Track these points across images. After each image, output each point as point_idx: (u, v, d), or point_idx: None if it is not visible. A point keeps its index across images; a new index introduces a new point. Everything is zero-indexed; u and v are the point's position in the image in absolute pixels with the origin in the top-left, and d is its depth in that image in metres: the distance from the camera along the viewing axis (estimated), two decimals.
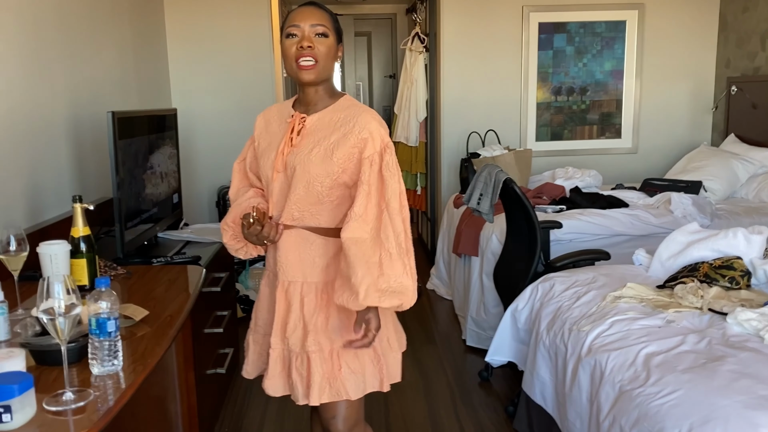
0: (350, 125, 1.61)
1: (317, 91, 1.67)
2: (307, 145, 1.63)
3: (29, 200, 2.37)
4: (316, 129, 1.64)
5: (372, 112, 1.66)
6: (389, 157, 1.60)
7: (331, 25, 1.64)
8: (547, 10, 4.67)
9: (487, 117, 4.76)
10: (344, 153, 1.60)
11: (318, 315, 1.67)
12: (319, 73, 1.62)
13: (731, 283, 2.22)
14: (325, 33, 1.61)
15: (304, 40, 1.59)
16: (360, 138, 1.59)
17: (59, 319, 1.25)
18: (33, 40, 2.46)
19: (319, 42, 1.60)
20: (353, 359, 1.67)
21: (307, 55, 1.60)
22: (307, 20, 1.60)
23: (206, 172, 4.57)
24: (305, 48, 1.59)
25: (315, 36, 1.60)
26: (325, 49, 1.61)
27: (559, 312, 2.35)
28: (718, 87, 4.83)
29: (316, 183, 1.61)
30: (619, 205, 3.63)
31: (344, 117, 1.63)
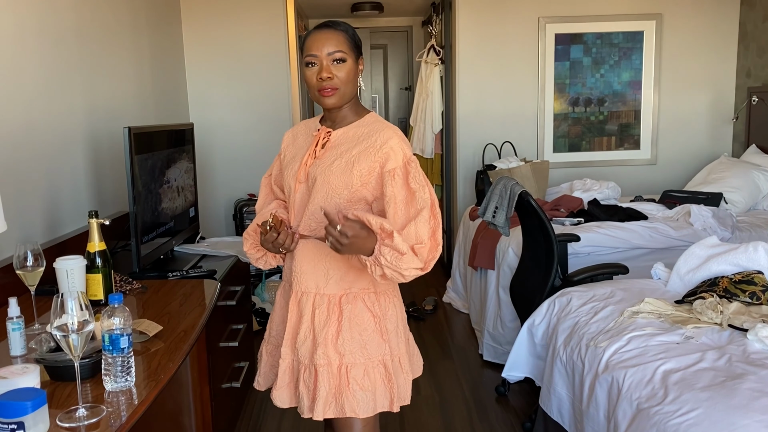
0: (372, 139, 1.62)
1: (341, 109, 1.69)
2: (330, 157, 1.65)
3: (47, 215, 2.40)
4: (339, 143, 1.66)
5: (394, 129, 1.66)
6: (414, 169, 1.59)
7: (348, 45, 1.64)
8: (564, 21, 4.66)
9: (503, 129, 4.75)
10: (365, 166, 1.60)
11: (328, 328, 1.65)
12: (341, 98, 1.65)
13: (752, 298, 2.17)
14: (343, 58, 1.62)
15: (323, 71, 1.61)
16: (381, 152, 1.60)
17: (72, 335, 1.26)
18: (52, 55, 2.50)
19: (337, 69, 1.62)
20: (363, 376, 1.65)
21: (327, 86, 1.62)
22: (323, 48, 1.61)
23: (223, 186, 4.60)
24: (324, 79, 1.61)
25: (333, 63, 1.61)
26: (345, 74, 1.63)
27: (577, 327, 2.32)
28: (739, 97, 4.77)
29: (334, 195, 1.62)
30: (638, 217, 3.59)
31: (367, 132, 1.65)
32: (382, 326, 1.67)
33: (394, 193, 1.56)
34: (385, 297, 1.70)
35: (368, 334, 1.65)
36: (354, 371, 1.64)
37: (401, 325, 1.75)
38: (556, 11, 4.64)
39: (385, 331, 1.68)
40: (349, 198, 1.62)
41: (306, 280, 1.69)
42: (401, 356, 1.72)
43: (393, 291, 1.74)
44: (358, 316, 1.66)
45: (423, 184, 1.58)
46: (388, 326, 1.68)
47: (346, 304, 1.66)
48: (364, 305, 1.67)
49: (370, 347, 1.65)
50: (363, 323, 1.66)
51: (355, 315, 1.66)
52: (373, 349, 1.65)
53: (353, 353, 1.64)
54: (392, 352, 1.67)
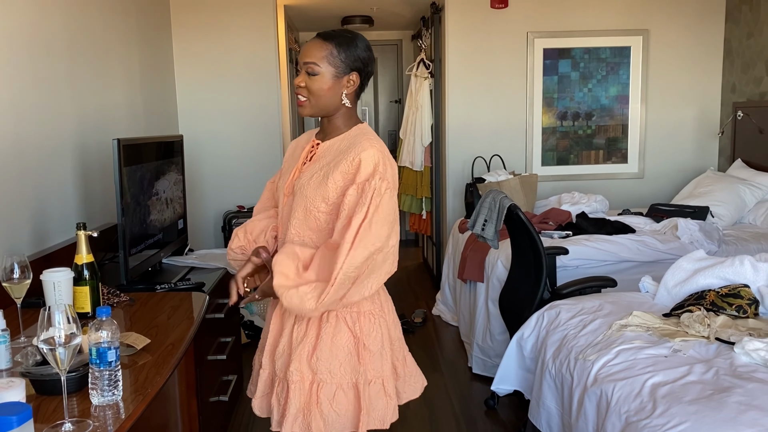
0: (349, 151, 1.60)
1: (330, 121, 1.69)
2: (311, 170, 1.64)
3: (34, 226, 2.38)
4: (323, 155, 1.66)
5: (373, 139, 1.62)
6: (369, 186, 1.53)
7: (329, 59, 1.61)
8: (552, 36, 4.70)
9: (492, 142, 4.78)
10: (339, 178, 1.57)
11: (305, 344, 1.62)
12: (311, 110, 1.65)
13: (738, 311, 2.19)
14: (314, 71, 1.61)
15: (298, 78, 1.64)
16: (354, 163, 1.56)
17: (59, 349, 1.25)
18: (41, 66, 2.49)
19: (309, 80, 1.62)
20: (332, 397, 1.61)
21: (299, 93, 1.64)
22: (303, 56, 1.63)
23: (212, 197, 4.59)
24: (297, 87, 1.64)
25: (306, 74, 1.62)
26: (316, 85, 1.61)
27: (565, 340, 2.32)
28: (724, 112, 4.83)
29: (312, 208, 1.60)
30: (626, 230, 3.62)
31: (348, 145, 1.63)
32: (361, 347, 1.62)
33: (349, 206, 1.54)
34: (370, 317, 1.64)
35: (344, 354, 1.61)
36: (324, 390, 1.61)
37: (389, 346, 1.68)
38: (544, 26, 4.69)
39: (364, 352, 1.62)
40: (329, 212, 1.59)
41: None
42: (384, 378, 1.66)
43: (381, 311, 1.67)
44: (336, 336, 1.61)
45: (365, 204, 1.52)
46: (370, 347, 1.63)
47: (326, 321, 1.62)
48: (345, 324, 1.62)
49: (343, 368, 1.61)
50: (340, 343, 1.61)
51: (334, 334, 1.61)
52: (346, 371, 1.61)
53: (325, 372, 1.60)
54: (370, 375, 1.62)
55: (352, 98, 1.68)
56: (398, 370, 1.75)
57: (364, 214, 1.52)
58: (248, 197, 4.59)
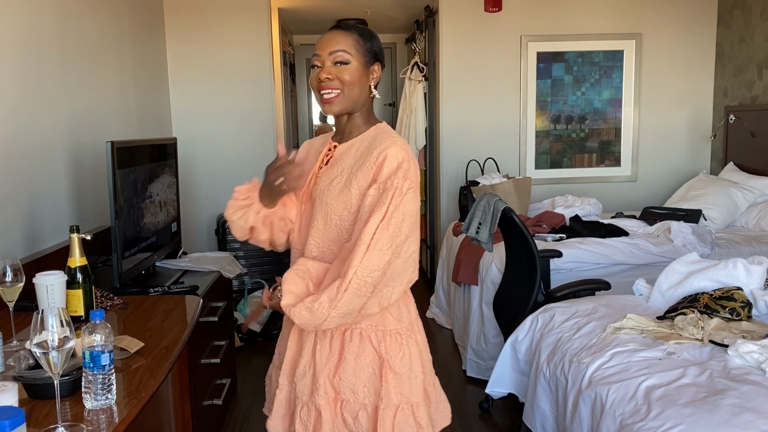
0: (371, 152, 1.47)
1: (350, 119, 1.56)
2: (330, 175, 1.52)
3: (27, 229, 2.37)
4: (341, 159, 1.53)
5: (395, 137, 1.50)
6: (391, 184, 1.41)
7: (357, 47, 1.50)
8: (545, 40, 4.72)
9: (486, 145, 4.79)
10: (363, 183, 1.45)
11: (329, 364, 1.50)
12: (343, 104, 1.51)
13: (732, 314, 2.20)
14: (345, 60, 1.48)
15: (323, 71, 1.49)
16: (377, 163, 1.44)
17: (52, 353, 1.24)
18: (34, 69, 2.48)
19: (339, 70, 1.48)
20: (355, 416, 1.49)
21: (327, 87, 1.49)
22: (326, 47, 1.49)
23: (206, 200, 4.58)
24: (323, 80, 1.49)
25: (335, 65, 1.49)
26: (349, 76, 1.48)
27: (560, 343, 2.33)
28: (716, 116, 4.85)
29: (333, 216, 1.48)
30: (619, 233, 3.63)
31: (368, 145, 1.51)
32: (386, 368, 1.48)
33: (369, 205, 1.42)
34: (397, 337, 1.51)
35: (367, 375, 1.48)
36: (348, 408, 1.49)
37: (420, 369, 1.53)
38: (537, 30, 4.71)
39: (389, 374, 1.48)
40: (353, 220, 1.46)
41: None
42: (414, 405, 1.51)
43: (410, 330, 1.54)
44: (361, 355, 1.49)
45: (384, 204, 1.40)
46: (396, 369, 1.49)
47: (349, 341, 1.49)
48: (369, 344, 1.49)
49: (367, 389, 1.48)
50: (364, 363, 1.49)
51: (358, 353, 1.49)
52: (370, 392, 1.49)
53: (348, 391, 1.49)
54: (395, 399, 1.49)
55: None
56: (430, 395, 1.59)
57: (383, 214, 1.39)
58: None
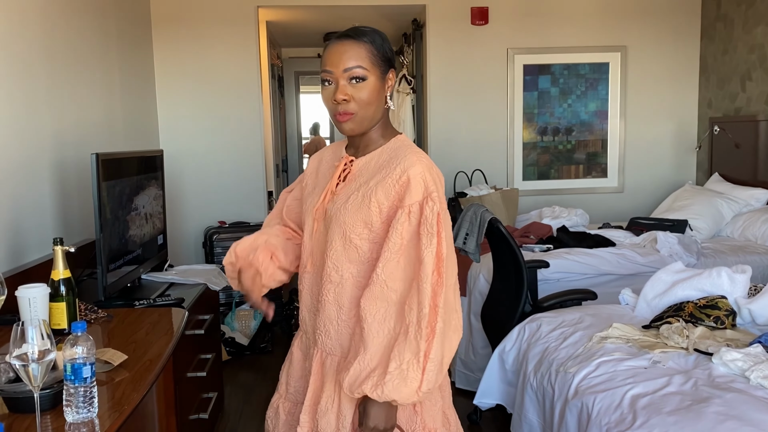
0: (392, 167, 1.37)
1: (367, 135, 1.45)
2: (348, 191, 1.41)
3: (11, 242, 2.35)
4: (360, 173, 1.42)
5: (421, 154, 1.40)
6: (430, 210, 1.31)
7: (372, 59, 1.37)
8: (532, 52, 4.76)
9: (473, 156, 4.81)
10: (383, 200, 1.35)
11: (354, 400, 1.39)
12: (359, 124, 1.40)
13: (716, 322, 2.21)
14: (362, 76, 1.36)
15: (338, 92, 1.36)
16: (400, 182, 1.34)
17: (32, 365, 1.23)
18: (20, 80, 2.47)
19: (355, 89, 1.36)
20: None
21: (342, 110, 1.37)
22: (339, 64, 1.36)
23: (193, 213, 4.56)
24: (340, 102, 1.37)
25: (350, 82, 1.36)
26: (366, 94, 1.37)
27: (546, 353, 2.33)
28: (701, 127, 4.91)
29: (353, 235, 1.37)
30: (606, 244, 3.65)
31: (388, 159, 1.40)
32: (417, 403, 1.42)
33: (402, 233, 1.32)
34: None
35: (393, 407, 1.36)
36: None
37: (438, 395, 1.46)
38: (524, 43, 4.75)
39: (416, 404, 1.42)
40: (372, 239, 1.37)
41: (330, 342, 1.44)
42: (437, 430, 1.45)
43: None
44: None
45: (433, 232, 1.30)
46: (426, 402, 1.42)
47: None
48: None
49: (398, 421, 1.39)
50: None
51: None
52: (401, 422, 1.40)
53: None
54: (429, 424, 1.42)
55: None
56: (450, 418, 1.51)
57: (437, 245, 1.29)
58: (229, 213, 4.57)
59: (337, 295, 1.42)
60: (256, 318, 4.12)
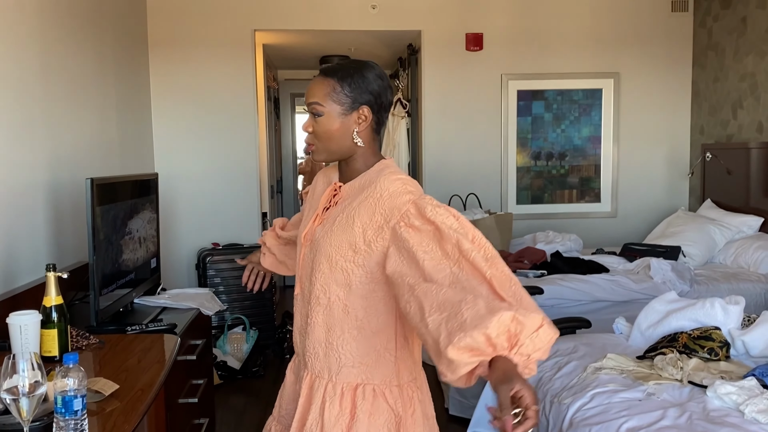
0: (372, 187, 1.40)
1: (347, 163, 1.49)
2: (334, 215, 1.45)
3: (2, 264, 2.33)
4: (345, 197, 1.46)
5: (400, 173, 1.43)
6: (428, 203, 1.31)
7: (332, 96, 1.42)
8: (525, 78, 4.81)
9: (468, 180, 4.83)
10: (366, 219, 1.36)
11: (340, 424, 1.40)
12: (323, 155, 1.46)
13: (710, 354, 2.21)
14: (319, 112, 1.43)
15: (304, 124, 1.47)
16: (382, 203, 1.36)
17: (22, 399, 1.22)
18: (16, 102, 2.47)
19: (316, 123, 1.44)
20: None
21: (306, 140, 1.48)
22: (306, 98, 1.47)
23: (187, 234, 4.55)
24: (306, 132, 1.48)
25: (311, 116, 1.45)
26: (322, 128, 1.43)
27: (541, 383, 2.32)
28: (694, 153, 4.95)
29: (338, 257, 1.38)
30: (600, 270, 3.65)
31: (369, 181, 1.44)
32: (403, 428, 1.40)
33: (413, 240, 1.28)
34: (408, 390, 1.45)
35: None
36: None
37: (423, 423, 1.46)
38: (518, 69, 4.80)
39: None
40: (359, 263, 1.37)
41: (319, 364, 1.45)
42: None
43: (416, 381, 1.48)
44: (374, 414, 1.39)
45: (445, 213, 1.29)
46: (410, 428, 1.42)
47: (362, 398, 1.40)
48: (384, 401, 1.41)
49: None
50: (378, 422, 1.39)
51: (371, 412, 1.40)
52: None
53: None
54: None
55: (367, 136, 1.46)
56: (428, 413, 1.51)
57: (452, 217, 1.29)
58: (223, 234, 4.55)
59: (326, 317, 1.43)
60: (248, 341, 4.09)
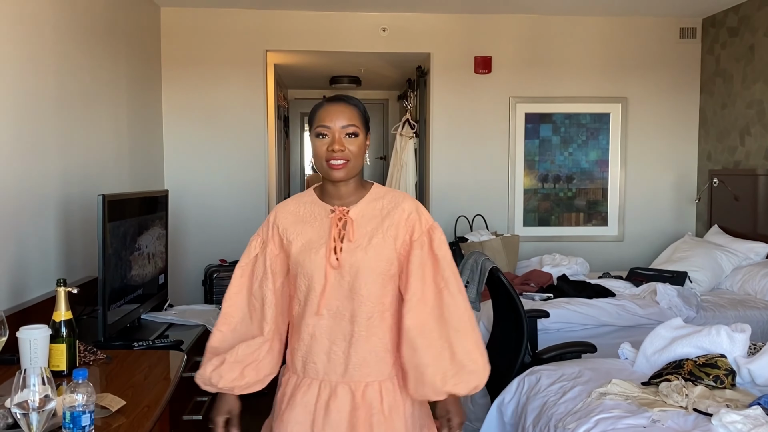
0: (397, 210, 1.64)
1: (348, 184, 1.66)
2: (364, 237, 1.61)
3: (13, 279, 2.36)
4: (364, 220, 1.63)
5: (411, 197, 1.71)
6: (438, 235, 1.63)
7: (360, 120, 1.64)
8: (533, 101, 4.84)
9: (475, 202, 4.84)
10: (400, 239, 1.62)
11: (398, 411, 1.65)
12: (349, 172, 1.62)
13: (716, 381, 2.20)
14: (356, 132, 1.61)
15: (335, 143, 1.59)
16: (409, 222, 1.63)
17: (32, 414, 1.23)
18: (31, 120, 2.52)
19: (349, 142, 1.60)
20: None
21: (339, 158, 1.60)
22: (337, 121, 1.60)
23: (195, 251, 4.57)
24: (336, 151, 1.59)
25: (346, 137, 1.60)
26: (356, 148, 1.61)
27: (546, 407, 2.31)
28: (701, 179, 4.95)
29: (380, 273, 1.60)
30: (606, 294, 3.65)
31: (386, 204, 1.65)
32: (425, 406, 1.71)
33: (422, 261, 1.60)
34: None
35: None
36: None
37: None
38: (526, 92, 4.83)
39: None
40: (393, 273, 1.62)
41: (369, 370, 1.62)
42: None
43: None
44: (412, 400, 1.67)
45: (446, 252, 1.63)
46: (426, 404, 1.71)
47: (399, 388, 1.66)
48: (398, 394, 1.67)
49: None
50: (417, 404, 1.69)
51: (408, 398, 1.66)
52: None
53: None
54: None
55: None
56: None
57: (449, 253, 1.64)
58: (231, 251, 4.57)
59: (376, 328, 1.61)
60: None
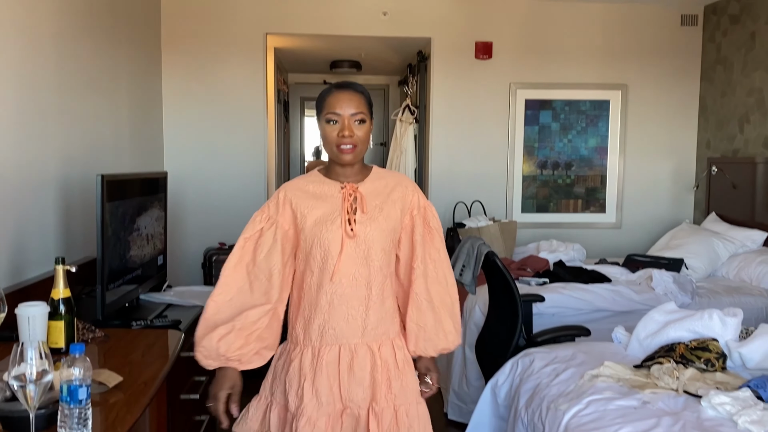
0: (400, 187, 1.83)
1: (354, 166, 1.80)
2: (375, 210, 1.77)
3: (12, 257, 2.38)
4: (373, 196, 1.79)
5: (409, 178, 1.92)
6: (432, 211, 1.85)
7: (367, 108, 1.76)
8: (534, 87, 4.84)
9: (473, 188, 4.86)
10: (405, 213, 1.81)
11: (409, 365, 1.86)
12: (357, 155, 1.76)
13: (707, 365, 2.23)
14: (364, 119, 1.74)
15: (345, 129, 1.71)
16: (411, 198, 1.83)
17: (30, 386, 1.25)
18: (31, 101, 2.52)
19: (358, 129, 1.73)
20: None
21: (349, 143, 1.72)
22: (347, 108, 1.72)
23: (194, 233, 4.59)
24: (346, 137, 1.71)
25: (355, 123, 1.72)
26: (364, 133, 1.74)
27: (538, 389, 2.34)
28: (699, 166, 4.96)
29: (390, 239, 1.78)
30: (602, 280, 3.67)
31: (389, 182, 1.83)
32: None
33: (423, 233, 1.82)
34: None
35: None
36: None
37: None
38: (526, 78, 4.83)
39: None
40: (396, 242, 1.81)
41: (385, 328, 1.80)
42: None
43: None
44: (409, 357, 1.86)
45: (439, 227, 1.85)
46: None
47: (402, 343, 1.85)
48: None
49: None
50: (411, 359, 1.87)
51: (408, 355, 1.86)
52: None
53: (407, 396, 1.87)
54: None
55: None
56: None
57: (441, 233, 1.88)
58: (230, 235, 4.59)
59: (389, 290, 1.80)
60: None
